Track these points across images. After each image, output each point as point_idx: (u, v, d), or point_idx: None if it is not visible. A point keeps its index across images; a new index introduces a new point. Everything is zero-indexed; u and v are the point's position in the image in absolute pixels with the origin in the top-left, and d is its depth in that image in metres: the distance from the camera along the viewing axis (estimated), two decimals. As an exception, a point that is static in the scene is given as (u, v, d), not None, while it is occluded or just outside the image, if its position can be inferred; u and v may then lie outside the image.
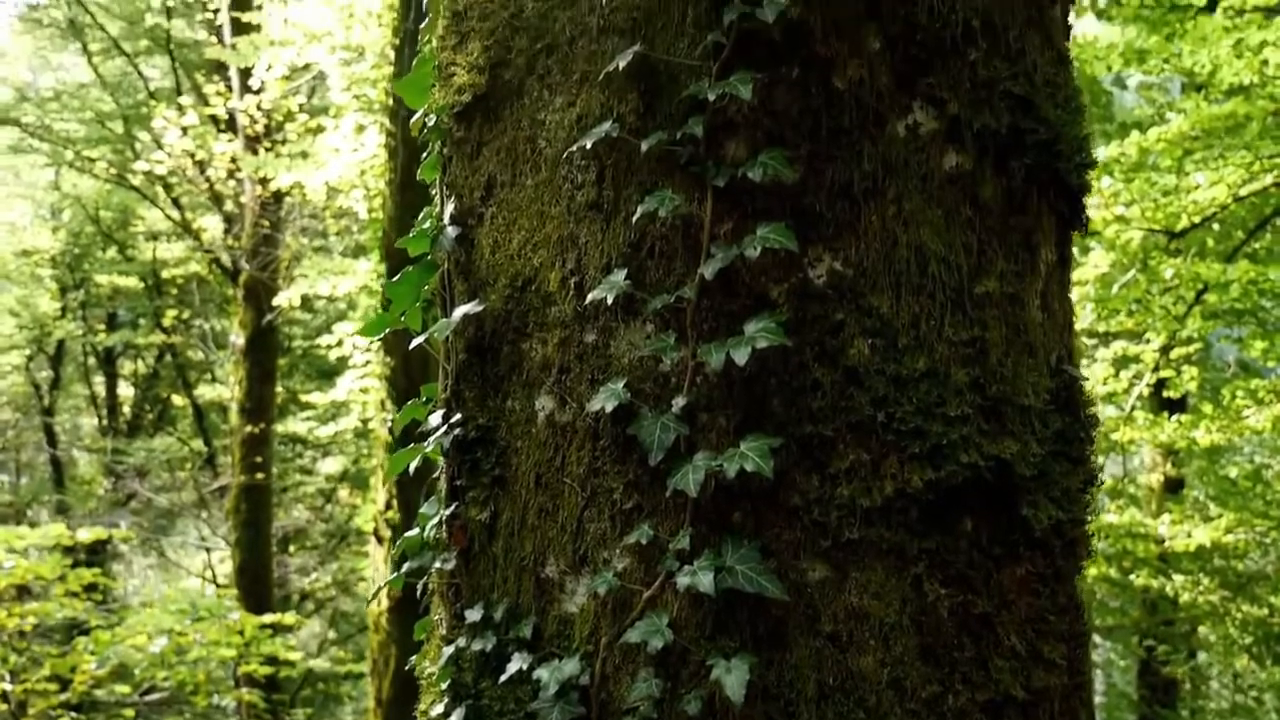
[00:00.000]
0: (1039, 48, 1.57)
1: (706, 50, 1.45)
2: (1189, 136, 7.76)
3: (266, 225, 12.47)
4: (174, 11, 15.60)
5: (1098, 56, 7.41)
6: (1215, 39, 7.07)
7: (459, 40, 1.67)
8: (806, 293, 1.44)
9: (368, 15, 10.35)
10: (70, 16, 16.78)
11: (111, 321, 19.58)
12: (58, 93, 17.99)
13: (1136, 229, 7.87)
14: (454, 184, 1.68)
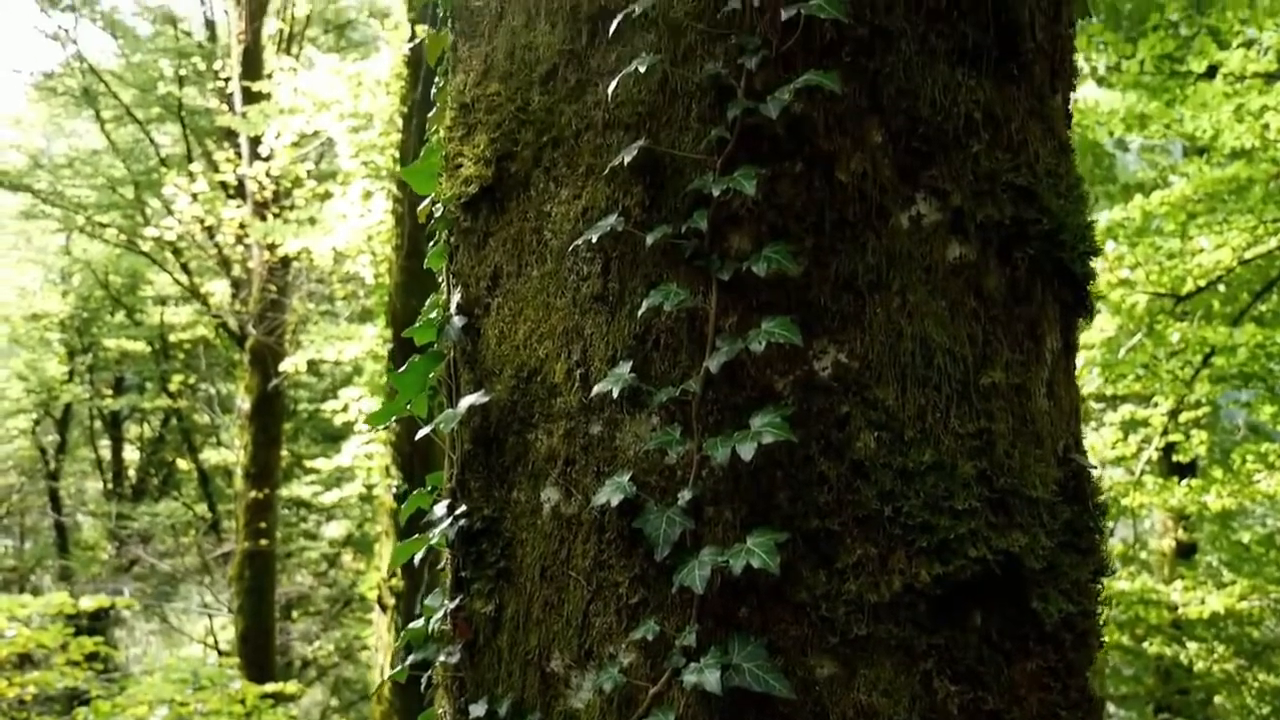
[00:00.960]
0: (1040, 138, 1.59)
1: (710, 145, 1.47)
2: (1192, 200, 7.81)
3: (274, 290, 12.55)
4: (186, 80, 15.84)
5: (1099, 121, 7.48)
6: (1216, 104, 7.14)
7: (466, 132, 1.68)
8: (812, 385, 1.44)
9: (376, 84, 10.51)
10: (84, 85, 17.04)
11: (118, 386, 19.64)
12: (70, 159, 18.23)
13: (1142, 293, 7.88)
14: (460, 273, 1.69)
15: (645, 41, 1.51)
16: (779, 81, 1.46)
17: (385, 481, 9.03)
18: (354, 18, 16.60)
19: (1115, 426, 9.51)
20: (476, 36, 1.70)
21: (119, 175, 17.01)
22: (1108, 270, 8.04)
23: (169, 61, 15.94)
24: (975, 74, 1.53)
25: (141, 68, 16.65)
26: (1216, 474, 8.70)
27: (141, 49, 16.84)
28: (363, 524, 16.65)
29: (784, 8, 1.44)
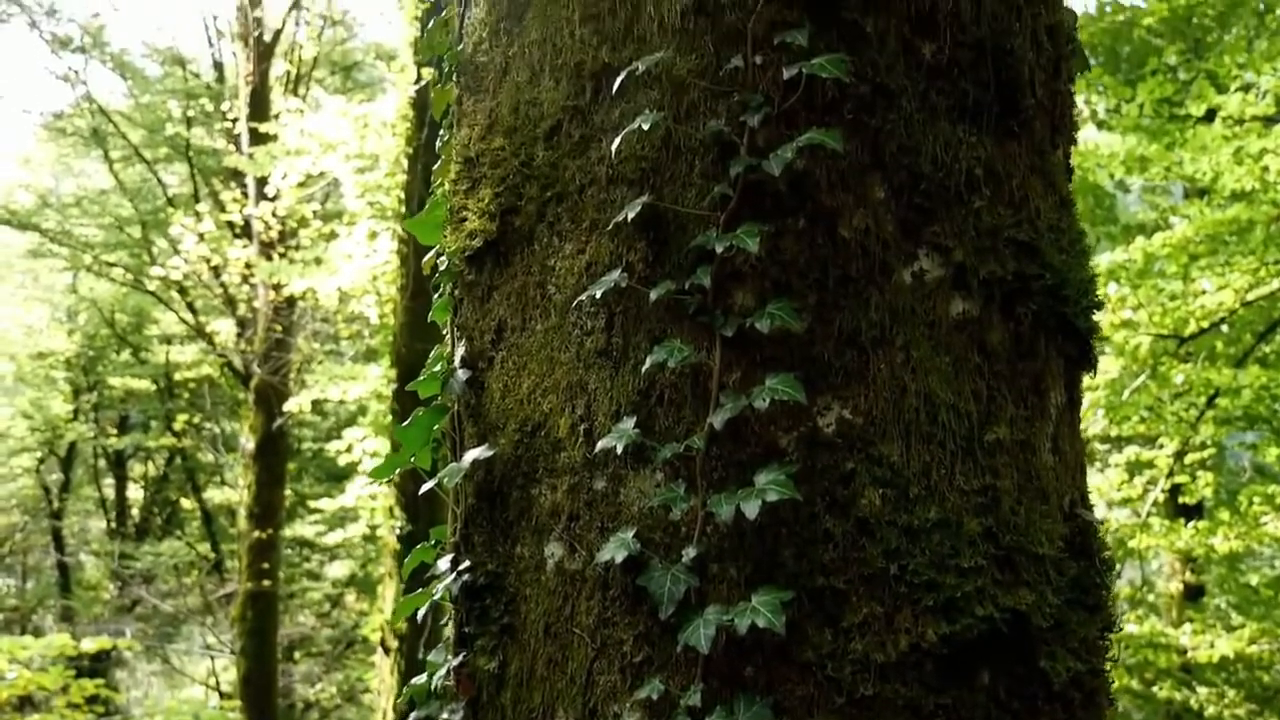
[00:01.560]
0: (1042, 193, 1.59)
1: (714, 201, 1.47)
2: (1193, 241, 7.83)
3: (279, 329, 12.58)
4: (194, 120, 15.98)
5: (1100, 164, 7.52)
6: (1215, 147, 7.17)
7: (471, 185, 1.69)
8: (816, 442, 1.44)
9: (382, 126, 10.59)
10: (93, 125, 17.18)
11: (123, 424, 19.65)
12: (78, 198, 18.35)
13: (1145, 334, 7.88)
14: (465, 326, 1.69)
15: (648, 98, 1.52)
16: (781, 139, 1.47)
17: (389, 522, 9.01)
18: (360, 59, 16.76)
19: (1120, 468, 9.47)
20: (481, 91, 1.71)
21: (126, 214, 17.12)
22: (1110, 311, 8.04)
23: (177, 102, 16.08)
24: (976, 130, 1.54)
25: (150, 108, 16.80)
26: (1223, 516, 8.65)
27: (150, 90, 17.00)
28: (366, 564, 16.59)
29: (786, 67, 1.45)
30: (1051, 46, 1.63)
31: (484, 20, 1.72)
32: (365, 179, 10.60)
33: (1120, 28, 10.65)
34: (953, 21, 1.54)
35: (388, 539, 9.43)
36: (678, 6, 1.53)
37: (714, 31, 1.51)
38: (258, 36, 13.03)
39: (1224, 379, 7.62)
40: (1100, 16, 10.56)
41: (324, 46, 15.58)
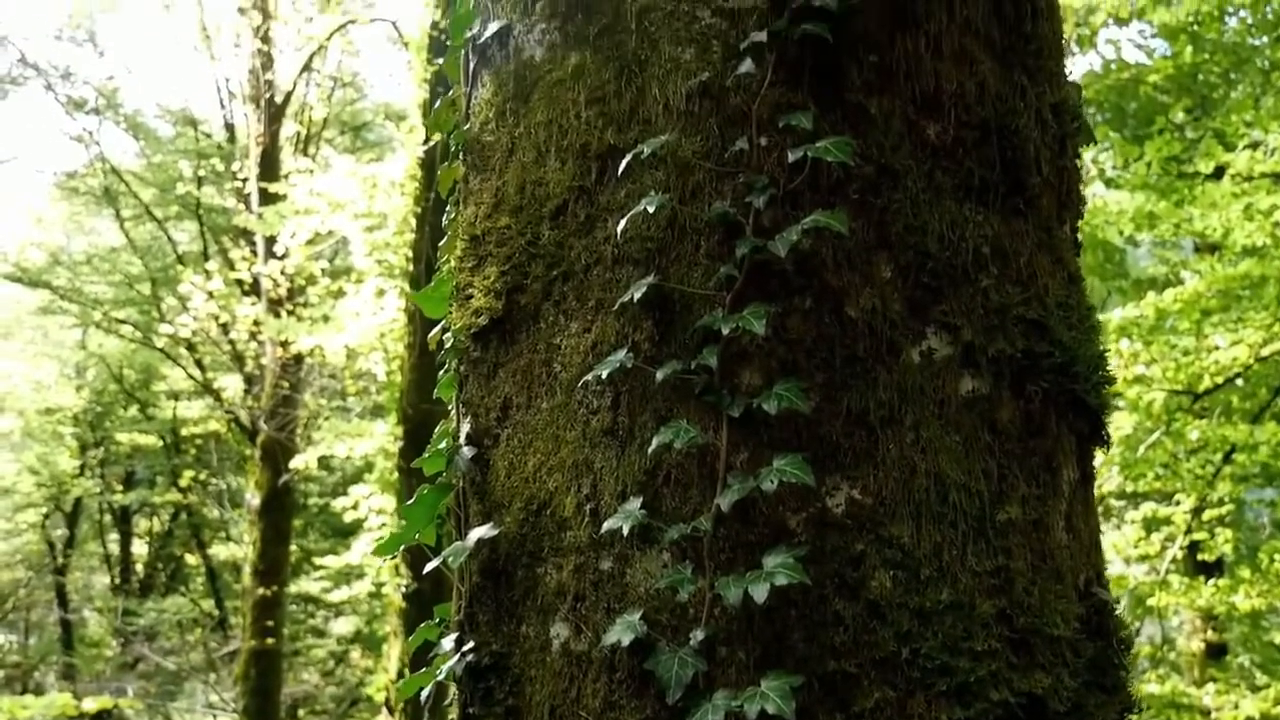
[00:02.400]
0: (1050, 270, 1.59)
1: (720, 281, 1.47)
2: (1205, 296, 7.82)
3: (286, 386, 12.60)
4: (205, 180, 16.14)
5: (1109, 221, 7.54)
6: (1225, 204, 7.19)
7: (477, 263, 1.70)
8: (825, 522, 1.42)
9: (390, 185, 10.69)
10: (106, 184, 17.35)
11: (129, 480, 19.63)
12: (89, 256, 18.50)
13: (1158, 390, 7.84)
14: (470, 403, 1.69)
15: (654, 179, 1.53)
16: (787, 219, 1.47)
17: (395, 580, 8.95)
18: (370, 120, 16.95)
19: (1138, 524, 9.38)
20: (488, 170, 1.72)
21: (136, 272, 17.24)
22: (1123, 367, 8.02)
23: (188, 162, 16.26)
24: (983, 209, 1.54)
25: (162, 168, 16.99)
26: (1244, 573, 8.55)
27: (162, 150, 17.20)
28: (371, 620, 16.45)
29: (790, 150, 1.46)
30: (1056, 124, 1.64)
31: (490, 101, 1.74)
32: (373, 237, 10.68)
33: (1126, 85, 10.74)
34: (957, 102, 1.54)
35: (393, 597, 9.37)
36: (683, 89, 1.54)
37: (719, 114, 1.52)
38: (269, 98, 13.20)
39: (1240, 435, 7.57)
40: (1106, 74, 10.66)
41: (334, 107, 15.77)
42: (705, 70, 1.54)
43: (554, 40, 1.66)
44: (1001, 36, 1.60)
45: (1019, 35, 1.62)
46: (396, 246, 10.39)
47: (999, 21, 1.61)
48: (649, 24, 1.58)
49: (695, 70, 1.54)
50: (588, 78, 1.61)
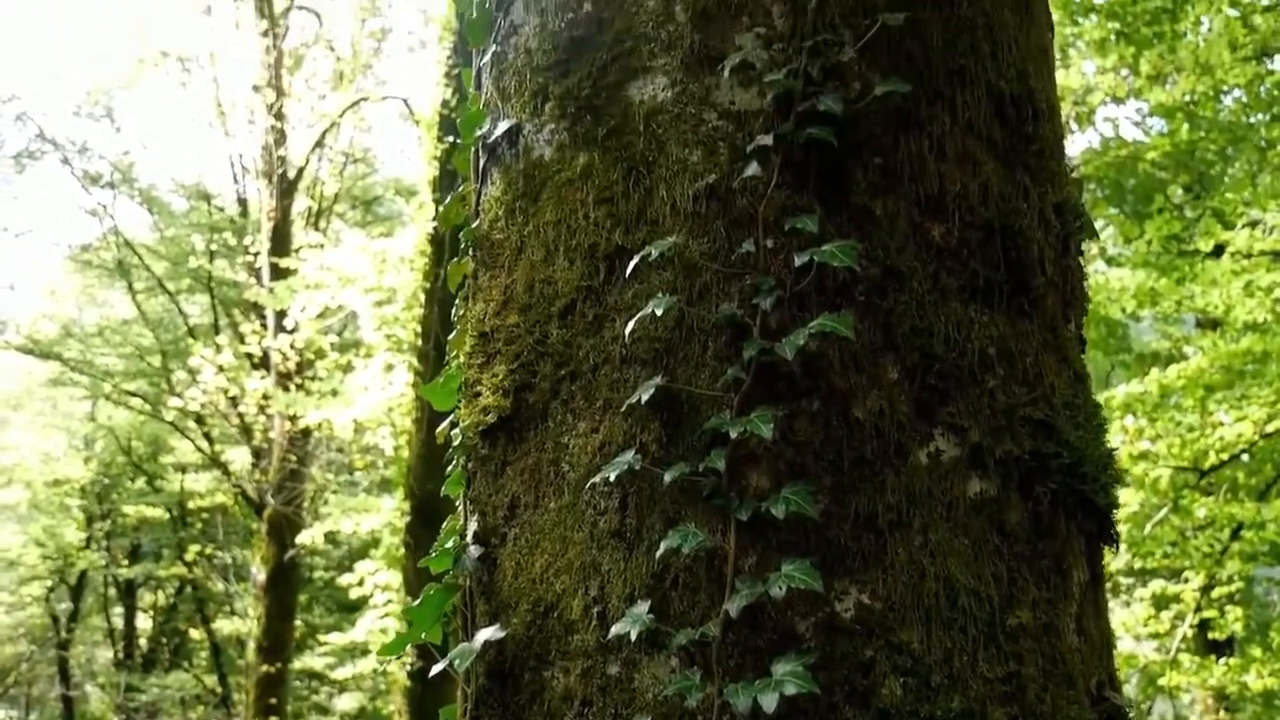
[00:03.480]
0: (1055, 369, 1.59)
1: (727, 383, 1.48)
2: (1209, 372, 7.81)
3: (293, 460, 12.59)
4: (216, 254, 16.31)
5: (1111, 298, 7.57)
6: (1225, 281, 7.23)
7: (485, 360, 1.71)
8: (834, 628, 1.41)
9: (400, 260, 10.78)
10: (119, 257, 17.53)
11: (135, 553, 19.54)
12: (101, 328, 18.62)
13: (1164, 466, 7.81)
14: (478, 500, 1.68)
15: (661, 279, 1.54)
16: (794, 321, 1.48)
17: (400, 660, 8.84)
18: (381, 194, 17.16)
19: (1146, 602, 9.28)
20: (497, 268, 1.74)
21: (147, 344, 17.34)
22: (1128, 443, 7.99)
23: (201, 236, 16.45)
24: (988, 310, 1.55)
25: (175, 241, 17.19)
26: (1255, 652, 8.43)
27: (175, 224, 17.41)
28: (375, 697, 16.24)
29: (797, 253, 1.47)
30: (1059, 223, 1.65)
31: (500, 198, 1.76)
32: (383, 312, 10.75)
33: (1124, 162, 10.86)
34: (961, 203, 1.56)
35: (398, 675, 9.25)
36: (690, 191, 1.56)
37: (725, 216, 1.54)
38: (281, 174, 13.39)
39: (1247, 513, 7.51)
40: (1105, 151, 10.79)
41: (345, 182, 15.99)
42: (712, 172, 1.56)
43: (563, 140, 1.69)
44: (1004, 138, 1.63)
45: (1021, 137, 1.64)
46: (405, 321, 10.45)
47: (1001, 123, 1.63)
48: (656, 126, 1.61)
49: (702, 172, 1.56)
50: (596, 178, 1.63)
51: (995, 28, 1.66)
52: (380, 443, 11.07)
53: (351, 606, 14.74)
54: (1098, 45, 8.16)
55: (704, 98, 1.59)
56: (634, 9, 1.65)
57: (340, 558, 16.54)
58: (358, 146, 16.47)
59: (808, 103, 1.52)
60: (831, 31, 1.57)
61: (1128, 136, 10.33)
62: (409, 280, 10.51)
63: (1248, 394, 7.34)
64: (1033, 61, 1.70)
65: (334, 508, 11.24)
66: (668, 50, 1.62)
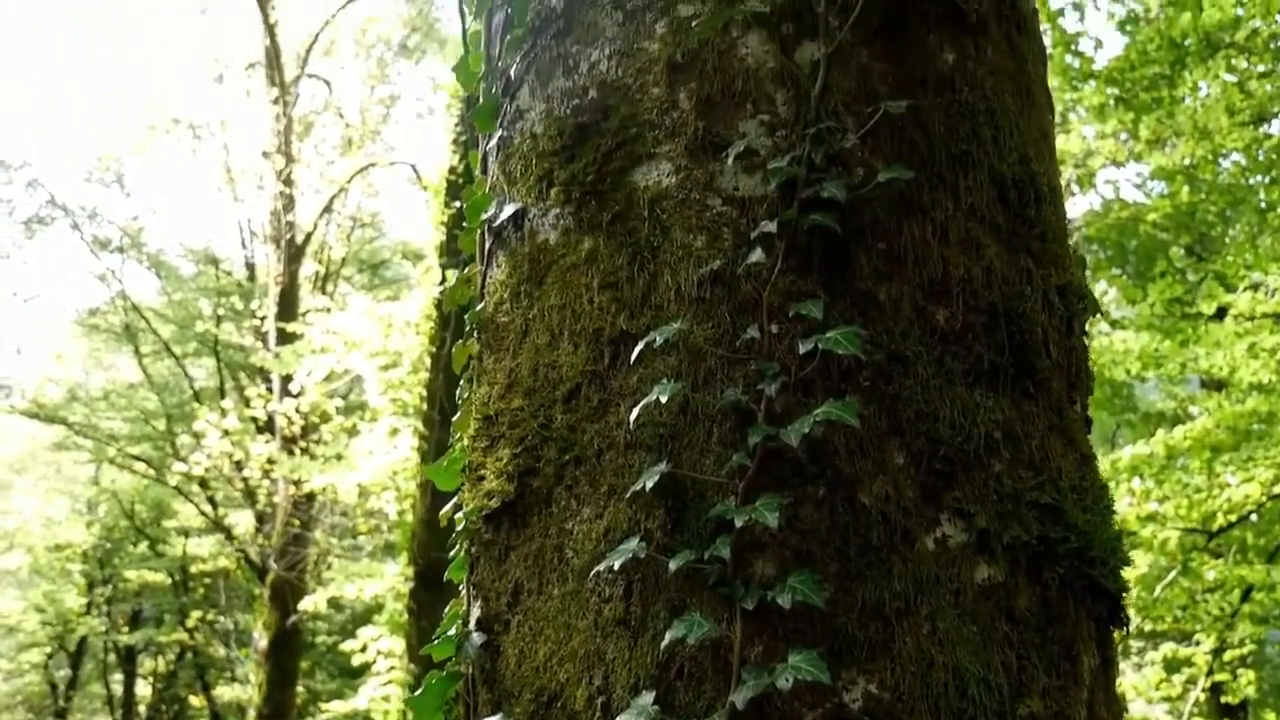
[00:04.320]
0: (1062, 452, 1.59)
1: (732, 470, 1.47)
2: (1214, 433, 7.79)
3: (297, 524, 12.54)
4: (223, 317, 16.38)
5: (1115, 360, 7.57)
6: (1229, 343, 7.24)
7: (489, 444, 1.70)
8: (842, 719, 1.39)
9: (406, 325, 10.82)
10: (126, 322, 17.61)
11: (135, 619, 19.37)
12: (106, 392, 18.67)
13: (1173, 528, 7.75)
14: (481, 585, 1.67)
15: (666, 364, 1.55)
16: (799, 406, 1.48)
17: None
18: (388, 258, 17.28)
19: (1158, 665, 9.15)
20: (501, 351, 1.74)
21: (152, 408, 17.37)
22: (1135, 505, 7.94)
23: (208, 301, 16.54)
24: (993, 393, 1.55)
25: (182, 305, 17.29)
26: (1269, 716, 8.30)
27: (183, 288, 17.53)
28: (377, 765, 15.97)
29: (801, 340, 1.47)
30: (1063, 305, 1.66)
31: (505, 282, 1.77)
32: (388, 376, 10.77)
33: (1126, 223, 10.93)
34: (965, 287, 1.57)
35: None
36: (694, 276, 1.57)
37: (730, 301, 1.54)
38: (289, 239, 13.50)
39: (1257, 575, 7.44)
40: (1106, 213, 10.86)
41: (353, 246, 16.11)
42: (716, 258, 1.57)
43: (568, 225, 1.70)
44: (1006, 222, 1.64)
45: (1023, 220, 1.66)
46: (411, 385, 10.47)
47: (1004, 207, 1.64)
48: (661, 211, 1.62)
49: (707, 257, 1.57)
50: (601, 263, 1.64)
51: (996, 113, 1.68)
52: (384, 507, 11.02)
53: (354, 672, 14.58)
54: (1097, 110, 8.26)
55: (708, 183, 1.60)
56: (638, 96, 1.67)
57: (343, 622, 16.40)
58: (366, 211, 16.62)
59: (811, 189, 1.54)
60: (834, 119, 1.59)
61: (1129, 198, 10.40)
62: (415, 344, 10.55)
63: (1254, 455, 7.31)
64: (1034, 145, 1.72)
65: (337, 573, 11.16)
66: (672, 137, 1.63)
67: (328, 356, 11.11)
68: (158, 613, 19.19)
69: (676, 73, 1.65)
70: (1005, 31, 1.75)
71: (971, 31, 1.70)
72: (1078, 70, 8.84)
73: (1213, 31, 8.28)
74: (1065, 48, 9.12)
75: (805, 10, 1.64)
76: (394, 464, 10.28)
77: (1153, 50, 8.21)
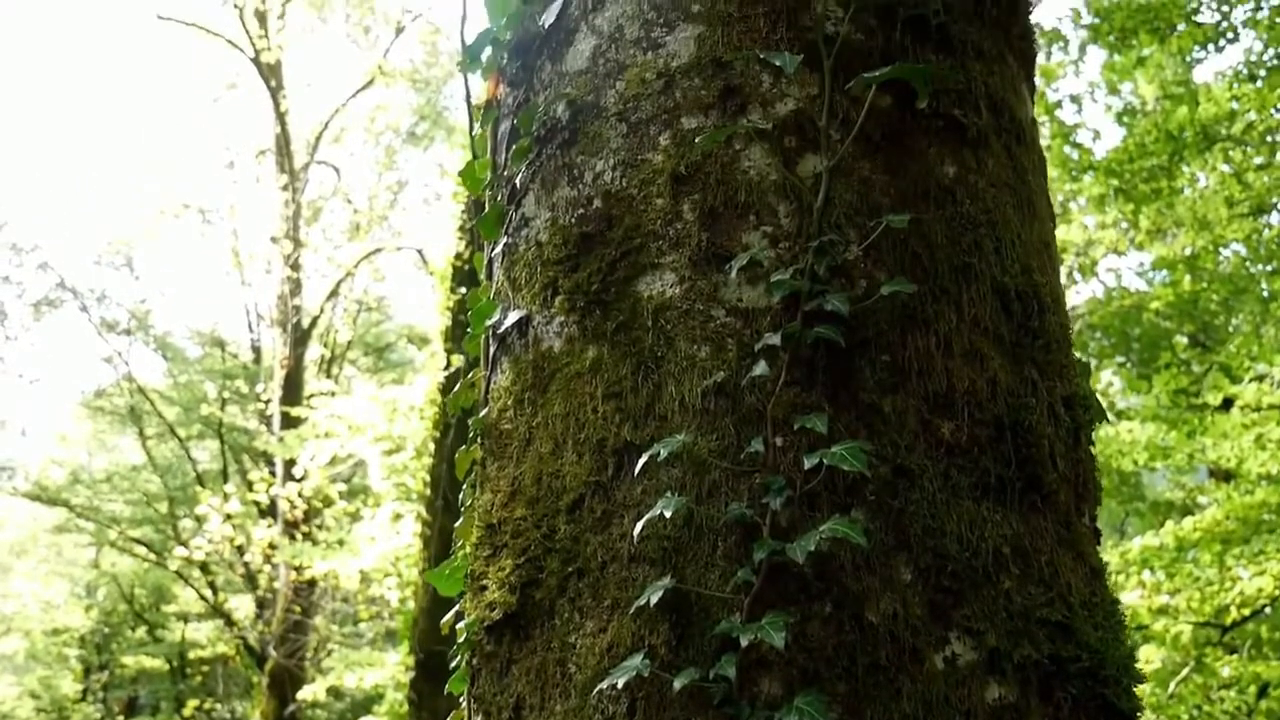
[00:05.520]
0: (1072, 567, 1.57)
1: (738, 585, 1.45)
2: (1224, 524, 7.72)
3: (298, 610, 12.40)
4: (228, 400, 16.41)
5: (1122, 451, 7.53)
6: (1236, 435, 7.21)
7: (492, 553, 1.69)
8: (851, 847, 1.35)
9: (410, 409, 10.82)
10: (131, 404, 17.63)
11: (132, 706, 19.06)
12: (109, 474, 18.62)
13: (1185, 623, 7.64)
14: (482, 699, 1.64)
15: (670, 476, 1.54)
16: (804, 520, 1.46)
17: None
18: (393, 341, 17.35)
19: (1175, 764, 8.93)
20: (505, 458, 1.73)
21: (155, 490, 17.30)
22: (1146, 597, 7.84)
23: (214, 383, 16.58)
24: (1001, 507, 1.53)
25: (187, 387, 17.32)
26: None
27: (189, 370, 17.59)
28: None
29: (806, 455, 1.47)
30: (1069, 417, 1.65)
31: (509, 388, 1.77)
32: (392, 461, 10.74)
33: (1129, 311, 10.97)
34: (970, 399, 1.56)
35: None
36: (699, 388, 1.56)
37: (734, 413, 1.54)
38: (295, 322, 13.58)
39: (1273, 672, 7.31)
40: (1109, 301, 10.91)
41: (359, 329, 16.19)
42: (721, 369, 1.57)
43: (572, 333, 1.70)
44: (1010, 333, 1.64)
45: (1027, 331, 1.66)
46: (414, 470, 10.43)
47: (1007, 319, 1.65)
48: (665, 322, 1.62)
49: (711, 369, 1.57)
50: (605, 372, 1.64)
51: (998, 224, 1.69)
52: (386, 594, 10.91)
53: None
54: (1097, 201, 8.34)
55: (712, 294, 1.61)
56: (643, 207, 1.69)
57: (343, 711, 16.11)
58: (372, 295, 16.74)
59: (814, 301, 1.54)
60: (837, 231, 1.60)
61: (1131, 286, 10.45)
62: (418, 429, 10.53)
63: (1265, 549, 7.23)
64: (1036, 256, 1.73)
65: (337, 661, 11.00)
66: (676, 247, 1.65)
67: (331, 441, 11.09)
68: (154, 700, 18.89)
69: (680, 184, 1.67)
70: (1005, 144, 1.77)
71: (972, 144, 1.72)
72: (1077, 162, 8.95)
73: (1209, 124, 8.41)
74: (1064, 139, 9.26)
75: (807, 124, 1.66)
76: (396, 550, 10.20)
77: (1151, 143, 8.32)
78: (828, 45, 1.68)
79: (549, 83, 1.86)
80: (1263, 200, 7.95)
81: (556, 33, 1.87)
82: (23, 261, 16.92)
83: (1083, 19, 10.13)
